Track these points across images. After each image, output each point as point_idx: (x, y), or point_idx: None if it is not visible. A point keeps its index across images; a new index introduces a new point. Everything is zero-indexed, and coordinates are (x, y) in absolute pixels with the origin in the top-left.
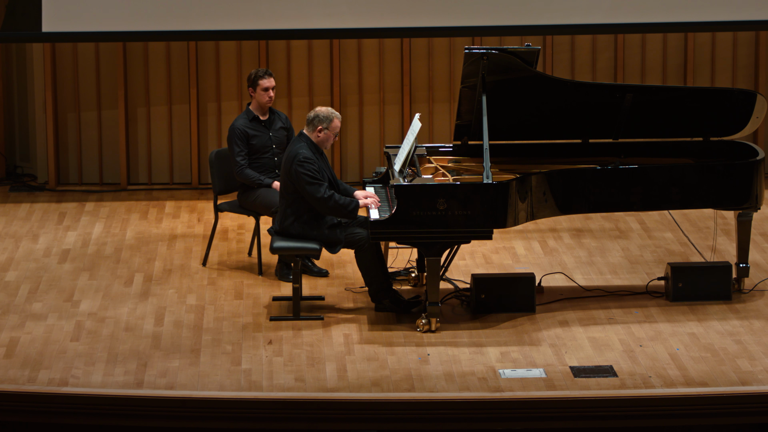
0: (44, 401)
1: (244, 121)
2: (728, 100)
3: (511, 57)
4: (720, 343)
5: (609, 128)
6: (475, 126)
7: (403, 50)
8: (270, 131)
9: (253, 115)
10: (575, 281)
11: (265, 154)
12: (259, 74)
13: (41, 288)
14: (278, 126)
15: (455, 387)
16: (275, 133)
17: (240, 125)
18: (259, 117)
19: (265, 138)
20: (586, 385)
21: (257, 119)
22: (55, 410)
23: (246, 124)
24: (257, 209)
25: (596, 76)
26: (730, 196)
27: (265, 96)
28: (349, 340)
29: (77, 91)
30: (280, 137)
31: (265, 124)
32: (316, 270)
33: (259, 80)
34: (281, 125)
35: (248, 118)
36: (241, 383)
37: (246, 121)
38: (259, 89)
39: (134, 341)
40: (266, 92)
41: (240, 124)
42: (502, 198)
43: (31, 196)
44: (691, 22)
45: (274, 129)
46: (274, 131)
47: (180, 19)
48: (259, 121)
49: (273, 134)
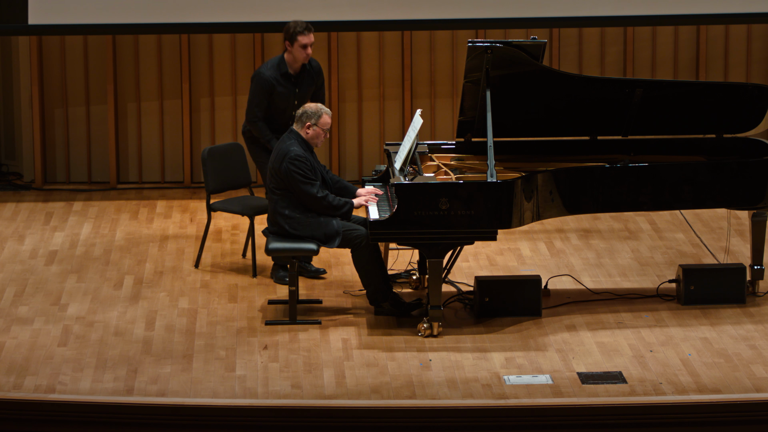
0: (31, 408)
1: (273, 72)
2: (742, 96)
3: (516, 50)
4: (733, 349)
5: (618, 125)
6: (479, 122)
7: (404, 43)
8: (297, 88)
9: (285, 70)
10: (583, 284)
11: (283, 115)
12: (298, 29)
13: (27, 291)
14: (306, 85)
15: (458, 394)
16: (302, 91)
17: (269, 77)
18: (290, 72)
19: (290, 97)
20: (595, 392)
21: (287, 75)
22: (42, 418)
23: (275, 77)
24: (257, 165)
25: (605, 71)
26: (744, 195)
27: (303, 53)
28: (348, 345)
29: (65, 86)
30: (304, 94)
31: (294, 80)
32: (313, 269)
33: (298, 36)
34: (310, 85)
35: (279, 71)
36: (235, 390)
37: (276, 74)
38: (297, 45)
39: (124, 346)
40: (304, 49)
41: (269, 75)
42: (506, 197)
43: (17, 196)
44: (703, 15)
45: (302, 87)
46: (302, 90)
47: (172, 11)
48: (289, 77)
49: (299, 92)
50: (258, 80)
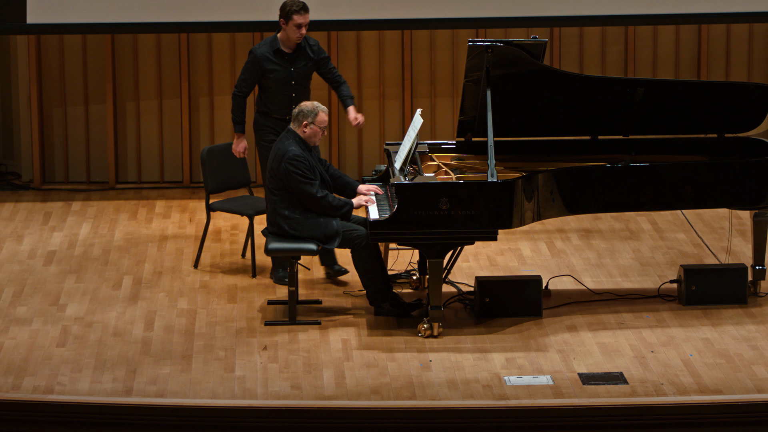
0: (29, 409)
1: (266, 49)
2: (743, 95)
3: (516, 50)
4: (735, 349)
5: (619, 124)
6: (479, 122)
7: (404, 43)
8: (292, 66)
9: (277, 47)
10: (584, 284)
11: (283, 91)
12: (294, 8)
13: (26, 291)
14: (302, 63)
15: (458, 395)
16: (298, 69)
17: (261, 53)
18: (283, 50)
19: (285, 74)
20: (596, 392)
21: (281, 52)
22: (41, 419)
23: (268, 53)
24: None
25: (606, 70)
26: (746, 195)
27: (296, 32)
28: (348, 345)
29: (63, 85)
30: (302, 73)
31: (289, 58)
32: (336, 269)
33: (293, 14)
34: (306, 62)
35: (272, 48)
36: (234, 391)
37: (269, 51)
38: (291, 24)
39: (123, 347)
40: (299, 29)
41: (261, 52)
42: (507, 197)
43: (15, 196)
44: (704, 14)
45: (297, 65)
46: (297, 68)
47: (171, 10)
48: (283, 55)
49: (295, 70)
50: (250, 56)
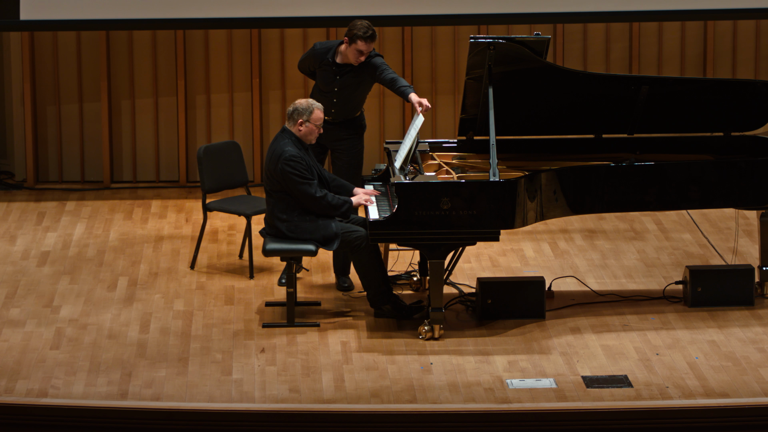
0: (22, 413)
1: (325, 51)
2: (750, 93)
3: (519, 47)
4: (742, 352)
5: (623, 122)
6: (481, 120)
7: (405, 39)
8: (338, 76)
9: (333, 55)
10: (588, 285)
11: (326, 94)
12: (360, 33)
13: (19, 293)
14: (350, 80)
15: (460, 398)
16: (343, 80)
17: (320, 49)
18: (337, 61)
19: (331, 82)
20: (600, 396)
21: (334, 62)
22: (34, 423)
23: (323, 54)
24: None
25: (610, 67)
26: (753, 194)
27: (356, 57)
28: (347, 348)
29: (57, 82)
30: (348, 83)
31: (337, 69)
32: (346, 285)
33: (358, 39)
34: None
35: (329, 53)
36: (231, 394)
37: (326, 53)
38: (353, 47)
39: (118, 349)
40: (359, 54)
41: (321, 49)
42: (509, 197)
43: (8, 195)
44: (710, 10)
45: (344, 79)
46: (343, 80)
47: (166, 6)
48: (334, 63)
49: (340, 80)
50: (312, 47)
